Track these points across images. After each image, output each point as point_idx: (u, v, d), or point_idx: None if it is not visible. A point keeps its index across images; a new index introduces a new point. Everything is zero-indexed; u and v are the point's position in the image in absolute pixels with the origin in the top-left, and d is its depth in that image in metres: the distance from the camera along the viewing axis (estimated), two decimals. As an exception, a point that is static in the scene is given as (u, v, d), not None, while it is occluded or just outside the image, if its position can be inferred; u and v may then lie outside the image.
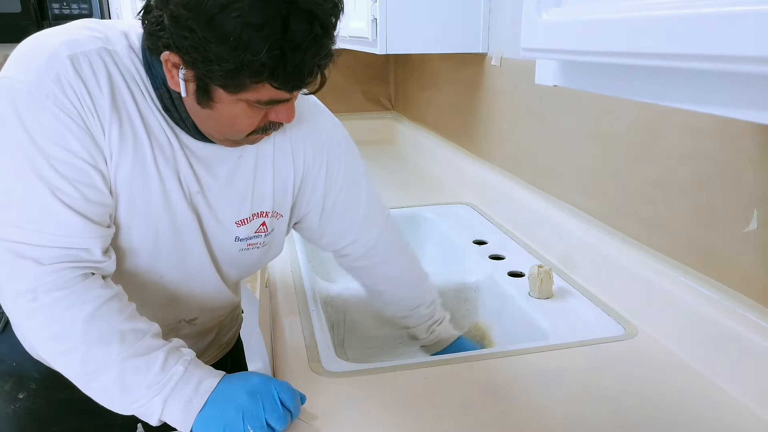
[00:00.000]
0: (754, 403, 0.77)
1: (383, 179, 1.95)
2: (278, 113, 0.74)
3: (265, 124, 0.76)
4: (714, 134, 0.84)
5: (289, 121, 0.76)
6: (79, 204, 0.71)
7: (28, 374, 0.93)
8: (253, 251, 0.90)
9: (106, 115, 0.71)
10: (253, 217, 0.87)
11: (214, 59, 0.64)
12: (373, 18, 1.54)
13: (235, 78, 0.65)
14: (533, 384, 0.84)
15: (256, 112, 0.72)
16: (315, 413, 0.77)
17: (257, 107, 0.72)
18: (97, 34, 0.73)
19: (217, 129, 0.75)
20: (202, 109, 0.72)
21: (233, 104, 0.70)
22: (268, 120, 0.75)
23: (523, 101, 1.40)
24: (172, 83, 0.70)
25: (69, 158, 0.70)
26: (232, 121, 0.73)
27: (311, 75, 0.69)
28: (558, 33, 0.58)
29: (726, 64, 0.38)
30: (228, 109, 0.71)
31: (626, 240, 1.04)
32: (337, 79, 2.58)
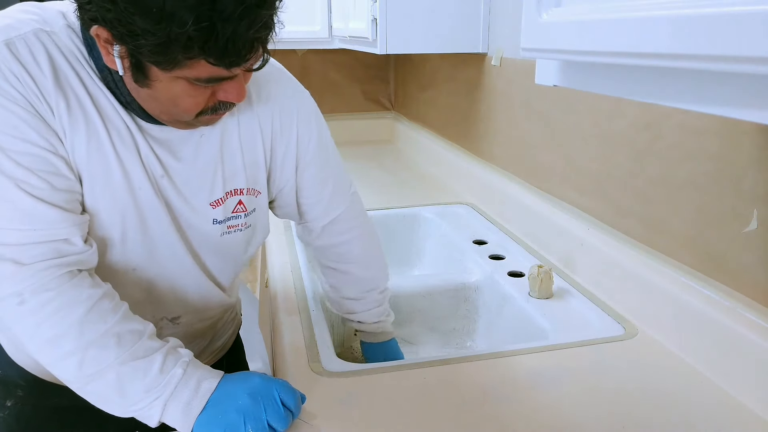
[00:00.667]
0: (754, 403, 0.77)
1: (383, 179, 1.95)
2: (226, 92, 0.70)
3: (214, 104, 0.71)
4: (714, 134, 0.84)
5: (239, 101, 0.71)
6: (48, 194, 0.68)
7: (14, 381, 0.91)
8: (237, 234, 0.86)
9: (51, 95, 0.67)
10: (227, 196, 0.83)
11: (140, 33, 0.59)
12: (373, 18, 1.55)
13: (166, 53, 0.61)
14: (533, 384, 0.84)
15: (200, 90, 0.68)
16: (315, 413, 0.77)
17: (199, 85, 0.67)
18: (33, 16, 0.70)
19: (162, 110, 0.71)
20: (140, 88, 0.68)
21: (171, 82, 0.66)
22: (216, 100, 0.70)
23: (523, 101, 1.40)
24: (108, 60, 0.66)
25: (28, 148, 0.67)
26: (173, 100, 0.68)
27: (249, 50, 0.64)
28: (558, 33, 0.58)
29: (726, 64, 0.38)
30: (167, 87, 0.66)
31: (626, 240, 1.04)
32: (337, 79, 2.58)
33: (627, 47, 0.48)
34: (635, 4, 0.47)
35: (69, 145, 0.70)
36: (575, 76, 0.63)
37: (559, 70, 0.65)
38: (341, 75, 2.58)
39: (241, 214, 0.86)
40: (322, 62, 2.54)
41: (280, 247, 1.36)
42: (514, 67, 1.43)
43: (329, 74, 2.57)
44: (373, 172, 2.03)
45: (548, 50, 0.60)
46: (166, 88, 0.67)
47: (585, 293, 1.10)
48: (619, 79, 0.55)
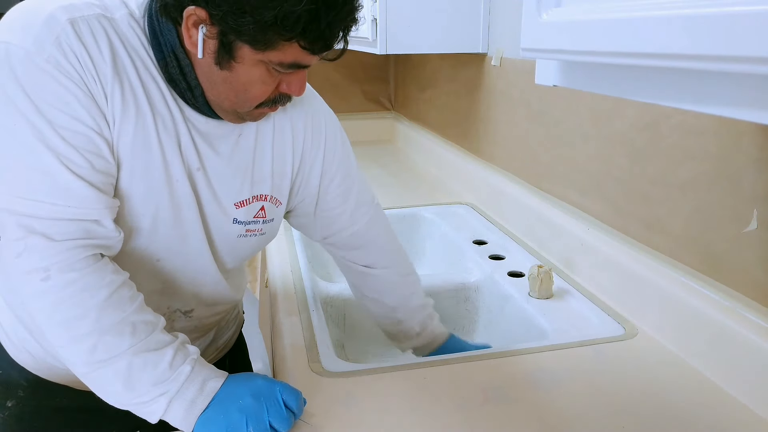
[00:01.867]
0: (754, 403, 0.77)
1: (383, 179, 1.95)
2: (290, 84, 0.74)
3: (275, 96, 0.75)
4: (714, 134, 0.84)
5: (299, 95, 0.76)
6: (89, 173, 0.69)
7: (15, 381, 0.91)
8: (251, 239, 0.88)
9: (108, 81, 0.69)
10: (253, 199, 0.85)
11: (248, 10, 0.63)
12: (373, 18, 1.55)
13: (267, 32, 0.65)
14: (533, 384, 0.84)
15: (273, 78, 0.72)
16: (315, 413, 0.77)
17: (275, 72, 0.71)
18: (95, 1, 0.71)
19: (229, 96, 0.74)
20: (219, 71, 0.71)
21: (254, 66, 0.70)
22: (278, 92, 0.75)
23: (523, 101, 1.40)
24: (189, 43, 0.69)
25: (75, 126, 0.68)
26: (247, 86, 0.72)
27: (338, 37, 0.71)
28: (558, 33, 0.58)
29: (726, 64, 0.39)
30: (247, 71, 0.70)
31: (626, 240, 1.04)
32: (337, 79, 2.58)
33: (627, 47, 0.48)
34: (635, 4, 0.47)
35: (116, 132, 0.71)
36: (575, 76, 0.63)
37: (559, 70, 0.65)
38: (341, 75, 2.58)
39: (260, 219, 0.87)
40: (322, 62, 2.53)
41: (280, 247, 1.36)
42: (514, 67, 1.43)
43: (329, 74, 2.57)
44: (373, 172, 2.03)
45: (548, 50, 0.61)
46: (247, 71, 0.70)
47: (585, 293, 1.10)
48: (619, 79, 0.55)
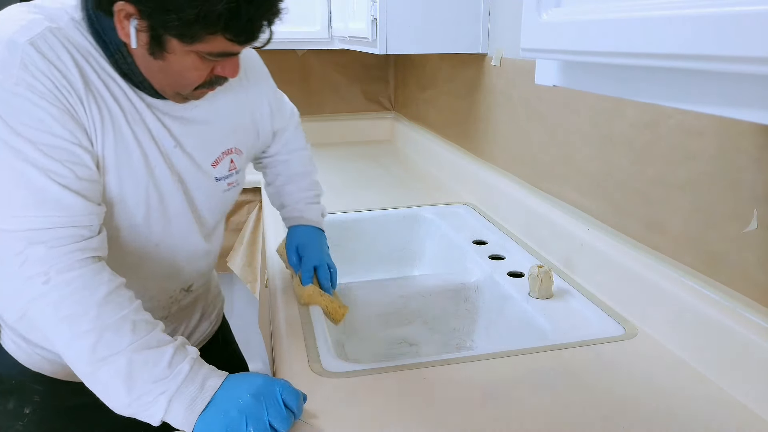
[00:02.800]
0: (754, 403, 0.77)
1: (383, 179, 1.95)
2: (224, 67, 0.78)
3: (211, 78, 0.79)
4: (714, 134, 0.84)
5: (234, 76, 0.80)
6: (74, 183, 0.73)
7: (30, 387, 0.92)
8: (231, 192, 0.98)
9: (81, 92, 0.73)
10: (223, 155, 0.93)
11: (172, 8, 0.67)
12: (373, 18, 1.55)
13: (191, 28, 0.68)
14: (533, 384, 0.84)
15: (206, 64, 0.76)
16: (315, 413, 0.77)
17: (207, 59, 0.75)
18: (39, 15, 0.74)
19: (168, 82, 0.78)
20: (153, 60, 0.75)
21: (185, 56, 0.73)
22: (214, 74, 0.79)
23: (523, 101, 1.40)
24: (122, 34, 0.73)
25: (54, 141, 0.71)
26: (182, 72, 0.76)
27: (261, 30, 0.74)
28: (558, 33, 0.58)
29: (725, 64, 0.39)
30: (179, 60, 0.74)
31: (626, 240, 1.04)
32: (337, 79, 2.58)
33: (627, 47, 0.48)
34: (635, 4, 0.47)
35: (99, 142, 0.77)
36: (575, 76, 0.63)
37: (559, 70, 0.65)
38: (341, 75, 2.58)
39: (233, 171, 0.96)
40: (322, 62, 2.54)
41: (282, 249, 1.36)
42: (514, 68, 1.43)
43: (329, 74, 2.57)
44: (373, 172, 2.03)
45: (548, 50, 0.61)
46: (179, 60, 0.74)
47: (585, 293, 1.10)
48: (619, 79, 0.55)
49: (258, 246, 2.03)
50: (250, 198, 2.03)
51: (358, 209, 1.61)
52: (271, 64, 1.10)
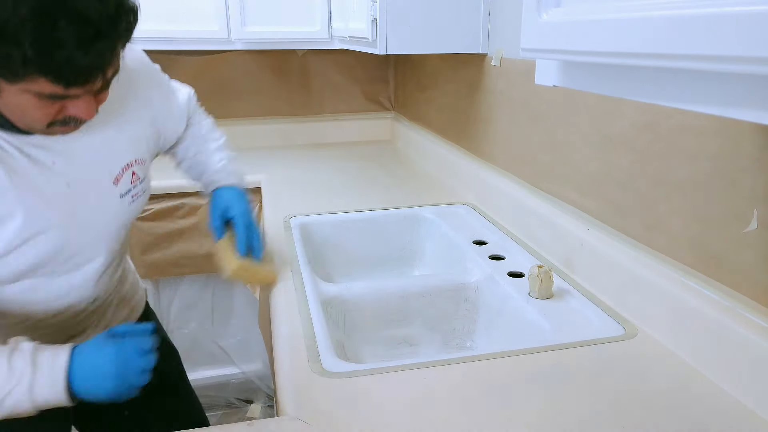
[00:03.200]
0: (754, 403, 0.77)
1: (383, 179, 1.95)
2: (77, 107, 0.74)
3: (64, 117, 0.75)
4: (714, 134, 0.84)
5: (89, 118, 0.76)
6: None
7: None
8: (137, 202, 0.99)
9: None
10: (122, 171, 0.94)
11: None
12: (373, 18, 1.55)
13: (7, 67, 0.66)
14: (533, 384, 0.84)
15: (47, 104, 0.72)
16: (315, 413, 0.77)
17: (47, 100, 0.71)
18: None
19: (15, 119, 0.75)
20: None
21: (18, 94, 0.70)
22: (66, 113, 0.75)
23: (523, 101, 1.40)
24: None
25: None
26: (22, 110, 0.72)
27: (87, 75, 0.69)
28: (558, 33, 0.58)
29: (725, 64, 0.39)
30: (14, 99, 0.70)
31: (626, 240, 1.04)
32: (337, 79, 2.58)
33: (626, 47, 0.48)
34: (635, 5, 0.47)
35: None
36: (575, 77, 0.63)
37: (559, 71, 0.65)
38: (341, 75, 2.58)
39: (136, 183, 0.98)
40: (322, 62, 2.54)
41: (280, 247, 1.36)
42: (514, 68, 1.43)
43: (329, 74, 2.57)
44: (373, 172, 2.03)
45: (548, 50, 0.61)
46: (14, 99, 0.71)
47: (585, 293, 1.10)
48: (619, 79, 0.55)
49: (258, 246, 2.03)
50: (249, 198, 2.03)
51: (358, 209, 1.61)
52: (271, 64, 1.10)
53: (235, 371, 2.41)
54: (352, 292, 1.20)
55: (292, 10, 2.09)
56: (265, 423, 0.78)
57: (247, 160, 2.23)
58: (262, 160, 2.23)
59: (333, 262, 1.55)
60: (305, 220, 1.55)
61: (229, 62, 2.43)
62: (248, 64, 2.45)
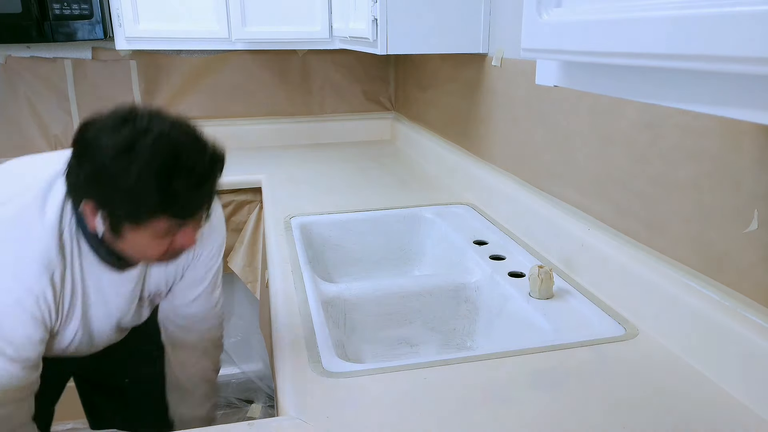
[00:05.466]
0: (754, 403, 0.77)
1: (383, 179, 1.95)
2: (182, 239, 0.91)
3: (173, 250, 0.92)
4: (714, 134, 0.84)
5: (191, 246, 0.93)
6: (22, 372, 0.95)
7: None
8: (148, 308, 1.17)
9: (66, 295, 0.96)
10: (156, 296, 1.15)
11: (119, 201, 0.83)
12: (373, 18, 1.55)
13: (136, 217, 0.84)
14: (533, 384, 0.84)
15: (163, 240, 0.89)
16: (315, 413, 0.77)
17: (163, 237, 0.88)
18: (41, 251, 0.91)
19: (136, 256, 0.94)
20: (117, 241, 0.89)
21: (141, 236, 0.87)
22: (174, 245, 0.91)
23: (523, 101, 1.40)
24: (90, 225, 0.88)
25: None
26: (143, 248, 0.90)
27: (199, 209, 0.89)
28: (558, 33, 0.58)
29: (726, 64, 0.39)
30: (137, 240, 0.88)
31: (626, 240, 1.04)
32: (337, 79, 2.58)
33: (627, 47, 0.48)
34: (635, 5, 0.47)
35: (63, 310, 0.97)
36: (575, 77, 0.63)
37: (560, 71, 0.65)
38: (341, 75, 2.58)
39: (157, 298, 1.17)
40: (322, 62, 2.54)
41: (280, 247, 1.36)
42: (515, 68, 1.43)
43: (329, 74, 2.57)
44: (373, 172, 2.04)
45: (548, 51, 0.61)
46: (135, 240, 0.88)
47: (585, 293, 1.10)
48: (620, 79, 0.56)
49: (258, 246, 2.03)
50: (250, 198, 2.03)
51: (358, 209, 1.61)
52: (272, 64, 1.10)
53: (236, 371, 2.41)
54: (352, 292, 1.20)
55: (293, 10, 2.09)
56: (265, 423, 0.78)
57: (248, 160, 2.23)
58: (262, 160, 2.23)
59: (333, 262, 1.55)
60: (305, 220, 1.55)
61: (230, 62, 2.43)
62: (248, 64, 2.45)
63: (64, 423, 2.10)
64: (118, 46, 2.08)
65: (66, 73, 2.35)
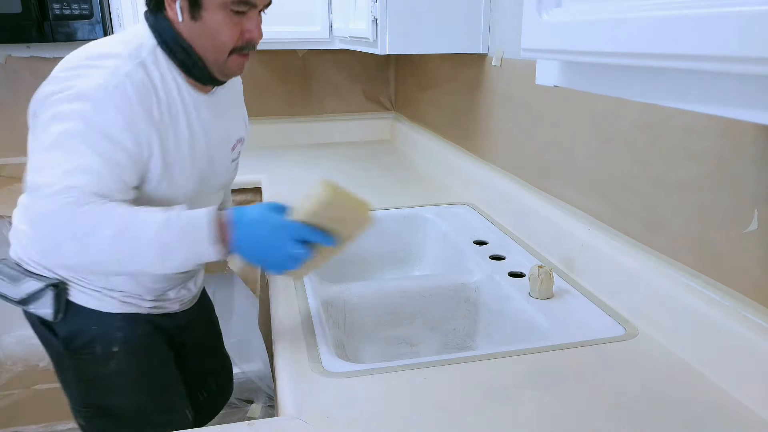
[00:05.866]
0: (754, 403, 0.77)
1: (383, 179, 1.95)
2: (250, 30, 0.98)
3: (242, 43, 0.99)
4: (714, 134, 0.84)
5: (259, 36, 1.01)
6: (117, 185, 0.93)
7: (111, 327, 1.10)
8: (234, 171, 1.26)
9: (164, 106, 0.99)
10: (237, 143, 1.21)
11: None
12: (373, 18, 1.55)
13: None
14: (533, 384, 0.84)
15: (235, 23, 0.97)
16: (315, 413, 0.77)
17: (234, 15, 0.96)
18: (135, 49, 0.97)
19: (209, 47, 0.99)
20: (194, 24, 0.97)
21: (216, 12, 0.95)
22: (243, 37, 0.99)
23: (523, 101, 1.40)
24: (171, 13, 0.97)
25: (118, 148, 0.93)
26: (217, 31, 0.97)
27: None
28: (558, 33, 0.58)
29: (725, 64, 0.39)
30: (213, 17, 0.96)
31: (626, 240, 1.04)
32: (338, 79, 2.58)
33: (627, 47, 0.48)
34: (635, 5, 0.47)
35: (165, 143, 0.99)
36: (575, 77, 0.63)
37: (560, 71, 0.65)
38: (341, 75, 2.58)
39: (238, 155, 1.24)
40: (322, 62, 2.54)
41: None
42: (515, 68, 1.43)
43: (329, 74, 2.57)
44: (373, 172, 2.03)
45: (548, 51, 0.61)
46: (213, 17, 0.96)
47: (585, 293, 1.10)
48: (619, 79, 0.56)
49: (258, 246, 2.03)
50: (250, 198, 2.03)
51: (358, 209, 1.61)
52: (272, 64, 1.12)
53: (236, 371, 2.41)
54: (352, 292, 1.20)
55: (293, 11, 2.08)
56: (265, 423, 0.78)
57: (248, 160, 2.23)
58: (262, 160, 2.23)
59: (333, 262, 1.55)
60: (305, 220, 1.54)
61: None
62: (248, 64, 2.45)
63: (64, 423, 2.10)
64: (118, 46, 2.08)
65: (66, 73, 2.35)
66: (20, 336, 2.18)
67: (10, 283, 1.06)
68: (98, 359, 1.10)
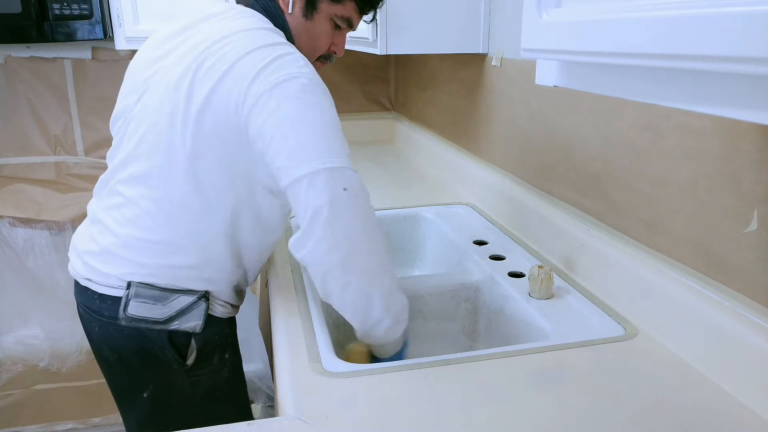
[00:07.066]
0: (754, 403, 0.77)
1: (383, 179, 1.95)
2: (337, 44, 1.10)
3: (327, 53, 1.10)
4: (714, 134, 0.84)
5: (341, 53, 1.12)
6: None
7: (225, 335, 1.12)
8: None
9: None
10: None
11: None
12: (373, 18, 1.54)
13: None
14: (533, 384, 0.84)
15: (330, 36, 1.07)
16: (315, 413, 0.77)
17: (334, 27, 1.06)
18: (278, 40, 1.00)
19: (306, 45, 1.05)
20: (304, 22, 1.04)
21: (324, 20, 1.05)
22: (329, 48, 1.09)
23: (523, 101, 1.40)
24: (283, 3, 1.03)
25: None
26: (319, 36, 1.06)
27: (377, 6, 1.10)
28: (558, 33, 0.58)
29: (725, 64, 0.39)
30: (321, 23, 1.05)
31: (626, 240, 1.04)
32: (337, 80, 2.58)
33: (627, 47, 0.48)
34: (635, 5, 0.47)
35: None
36: (575, 77, 0.63)
37: (560, 71, 0.65)
38: (341, 75, 2.58)
39: None
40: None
41: (280, 247, 1.36)
42: (515, 68, 1.43)
43: (329, 74, 2.57)
44: (373, 172, 2.04)
45: (548, 51, 0.61)
46: (321, 23, 1.05)
47: (585, 293, 1.10)
48: (619, 79, 0.56)
49: (258, 246, 2.03)
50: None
51: (358, 209, 1.61)
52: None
53: (235, 371, 2.40)
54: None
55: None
56: (265, 423, 0.78)
57: (248, 160, 2.23)
58: (262, 160, 2.22)
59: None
60: (305, 220, 1.54)
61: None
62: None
63: (64, 423, 2.10)
64: (117, 46, 2.08)
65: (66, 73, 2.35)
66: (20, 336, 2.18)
67: (154, 305, 0.99)
68: (215, 367, 1.09)
